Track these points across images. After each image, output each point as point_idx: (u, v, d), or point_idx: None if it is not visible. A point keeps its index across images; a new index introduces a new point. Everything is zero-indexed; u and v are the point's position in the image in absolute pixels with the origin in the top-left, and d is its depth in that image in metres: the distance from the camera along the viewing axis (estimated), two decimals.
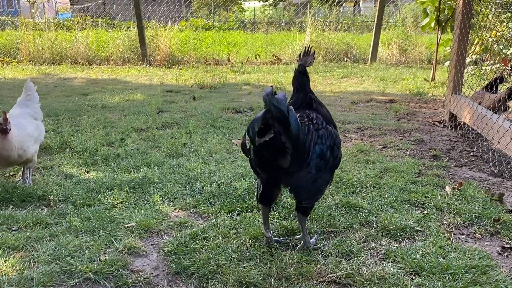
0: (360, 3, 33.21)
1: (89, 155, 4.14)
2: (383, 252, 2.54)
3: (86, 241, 2.61)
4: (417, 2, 8.67)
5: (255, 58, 12.24)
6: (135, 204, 3.15)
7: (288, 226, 2.82)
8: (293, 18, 21.60)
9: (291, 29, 16.02)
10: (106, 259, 2.42)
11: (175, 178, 3.59)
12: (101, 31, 13.93)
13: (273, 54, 12.14)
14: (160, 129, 5.16)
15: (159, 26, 11.80)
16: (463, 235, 2.76)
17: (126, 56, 11.68)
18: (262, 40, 13.71)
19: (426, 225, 2.83)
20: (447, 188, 3.38)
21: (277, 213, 3.00)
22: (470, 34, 5.54)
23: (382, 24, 11.86)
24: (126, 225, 2.81)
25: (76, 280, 2.27)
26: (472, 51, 7.64)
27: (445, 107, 5.64)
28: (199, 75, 9.37)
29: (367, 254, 2.52)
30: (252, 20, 23.51)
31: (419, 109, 6.40)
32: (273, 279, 2.28)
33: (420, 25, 9.17)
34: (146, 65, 11.09)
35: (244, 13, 29.60)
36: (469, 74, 6.46)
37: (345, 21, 16.72)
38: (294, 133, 2.12)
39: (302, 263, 2.42)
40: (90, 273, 2.30)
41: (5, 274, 2.29)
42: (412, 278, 2.29)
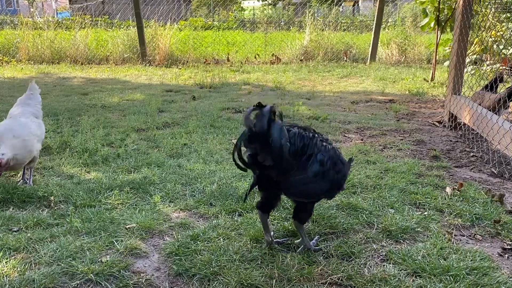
0: (359, 3, 33.21)
1: (89, 155, 4.13)
2: (384, 254, 2.54)
3: (87, 242, 2.61)
4: (417, 2, 8.68)
5: (255, 58, 12.24)
6: (136, 205, 3.15)
7: (289, 227, 2.82)
8: (293, 18, 21.61)
9: (291, 29, 16.02)
10: (108, 261, 2.42)
11: (176, 179, 3.59)
12: (100, 30, 13.90)
13: (273, 54, 12.14)
14: (160, 129, 5.15)
15: (159, 26, 11.78)
16: (464, 236, 2.77)
17: (126, 56, 11.66)
18: (262, 40, 13.71)
19: (427, 226, 2.84)
20: (448, 189, 3.38)
21: (278, 214, 3.00)
22: (470, 34, 5.54)
23: (382, 24, 11.86)
24: (127, 226, 2.81)
25: (78, 282, 2.27)
26: (472, 51, 7.65)
27: (445, 107, 5.64)
28: (199, 75, 9.36)
29: (368, 256, 2.53)
30: (252, 20, 23.50)
31: (419, 109, 6.40)
32: (275, 281, 2.28)
33: (420, 25, 9.18)
34: (146, 65, 11.08)
35: (244, 13, 29.60)
36: (469, 74, 6.48)
37: (345, 21, 16.72)
38: (276, 147, 2.15)
39: (304, 265, 2.42)
40: (92, 275, 2.30)
41: (6, 276, 2.29)
42: (414, 280, 2.29)
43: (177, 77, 9.19)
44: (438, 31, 8.23)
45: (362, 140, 4.80)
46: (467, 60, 6.52)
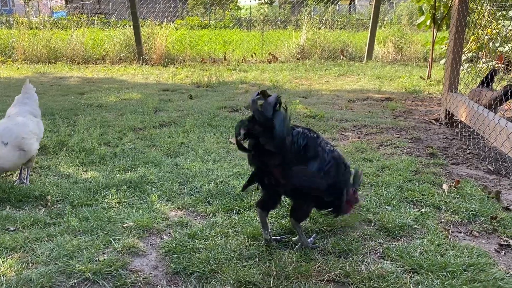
0: (356, 1, 33.25)
1: (86, 155, 4.12)
2: (382, 251, 2.55)
3: (85, 241, 2.61)
4: (413, 0, 8.70)
5: (251, 57, 12.24)
6: (133, 204, 3.15)
7: (287, 225, 2.83)
8: (289, 16, 21.61)
9: (287, 27, 16.02)
10: (105, 259, 2.41)
11: (173, 177, 3.59)
12: (97, 30, 13.87)
13: (269, 53, 12.13)
14: (157, 128, 5.15)
15: (155, 25, 11.77)
16: (461, 233, 2.78)
17: (122, 55, 11.64)
18: (258, 38, 13.71)
19: (424, 223, 2.84)
20: (444, 186, 3.39)
21: (276, 212, 3.00)
22: (466, 32, 5.56)
23: (378, 22, 11.87)
24: (125, 225, 2.81)
25: (75, 281, 2.26)
26: (468, 49, 7.67)
27: (442, 105, 5.66)
28: (196, 74, 9.35)
29: (366, 253, 2.53)
30: (248, 18, 23.48)
31: (415, 107, 6.42)
32: (272, 278, 2.28)
33: (416, 23, 9.19)
34: (142, 64, 11.06)
35: (240, 11, 29.54)
36: (465, 72, 6.49)
37: (341, 19, 16.74)
38: (278, 137, 2.15)
39: (301, 262, 2.43)
40: (89, 274, 2.29)
41: (3, 275, 2.28)
42: (411, 276, 2.30)
43: (174, 76, 9.18)
44: (434, 29, 8.24)
45: (359, 138, 4.81)
46: (463, 58, 6.54)
